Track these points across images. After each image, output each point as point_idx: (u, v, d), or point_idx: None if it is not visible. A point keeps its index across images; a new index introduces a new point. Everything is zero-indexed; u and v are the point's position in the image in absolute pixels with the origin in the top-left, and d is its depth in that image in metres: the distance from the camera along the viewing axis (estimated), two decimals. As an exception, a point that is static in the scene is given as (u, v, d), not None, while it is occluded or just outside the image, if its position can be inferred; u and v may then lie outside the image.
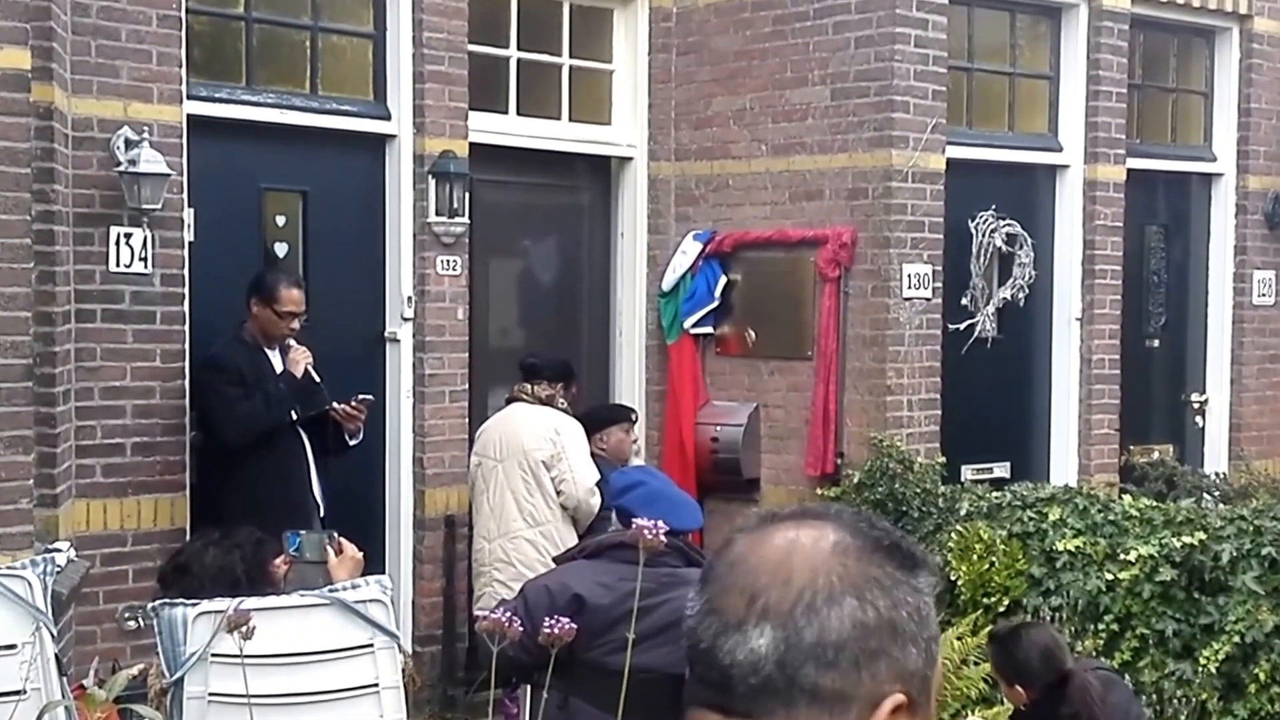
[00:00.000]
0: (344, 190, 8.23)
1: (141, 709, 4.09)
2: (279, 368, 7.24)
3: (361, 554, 5.39)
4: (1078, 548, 7.46)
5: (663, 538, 3.94)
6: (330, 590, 4.88)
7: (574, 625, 4.01)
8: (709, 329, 9.27)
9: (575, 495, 7.53)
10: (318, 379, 7.27)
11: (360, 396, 7.30)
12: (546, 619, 4.07)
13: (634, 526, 4.95)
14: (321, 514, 7.25)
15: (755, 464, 9.16)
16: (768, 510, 1.55)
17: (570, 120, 9.20)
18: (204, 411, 7.29)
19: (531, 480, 7.60)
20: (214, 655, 4.60)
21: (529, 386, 7.78)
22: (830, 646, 1.42)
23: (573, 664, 4.52)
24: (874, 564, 1.46)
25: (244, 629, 3.86)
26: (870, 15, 8.60)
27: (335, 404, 7.27)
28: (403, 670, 4.93)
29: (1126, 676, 7.14)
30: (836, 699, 1.42)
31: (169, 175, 7.02)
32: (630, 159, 9.40)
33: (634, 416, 8.44)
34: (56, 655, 4.69)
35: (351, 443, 7.41)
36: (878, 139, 8.59)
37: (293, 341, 7.28)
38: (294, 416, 7.21)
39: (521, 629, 4.00)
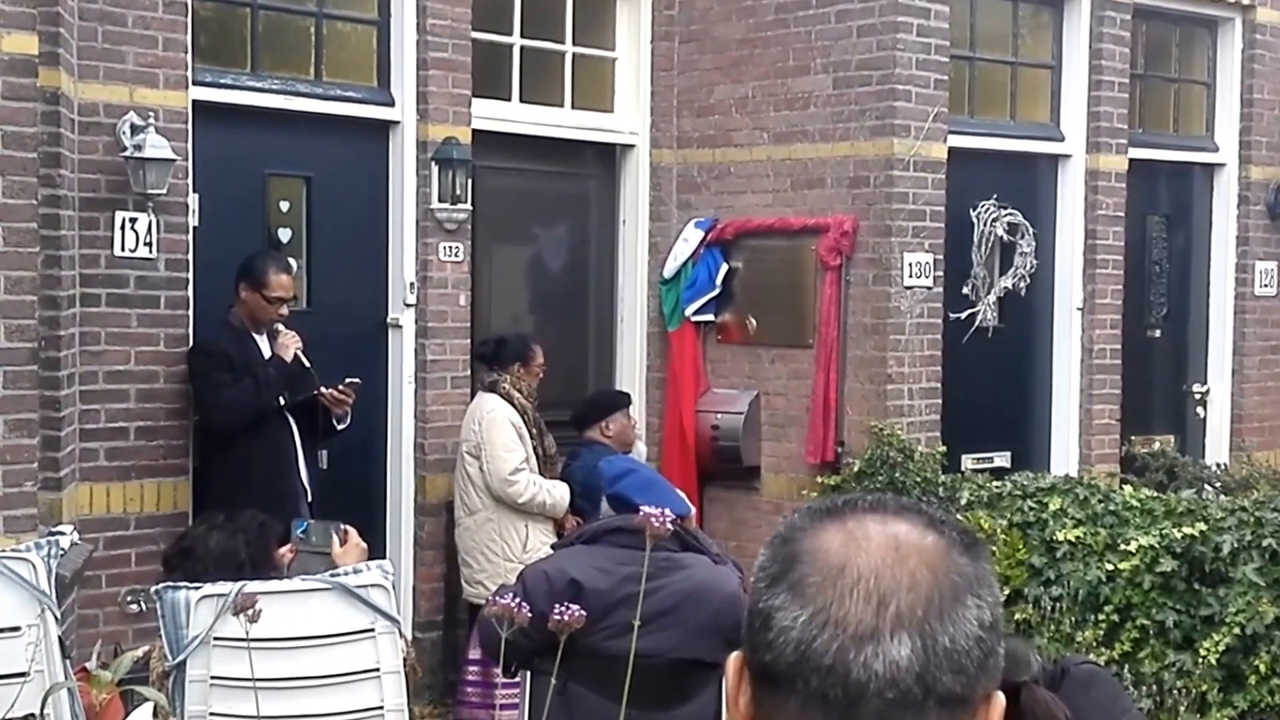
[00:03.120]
0: (348, 176, 8.25)
1: (145, 690, 4.11)
2: (267, 352, 7.24)
3: (366, 545, 5.42)
4: (1078, 538, 7.48)
5: (669, 524, 3.98)
6: (332, 575, 4.91)
7: (582, 613, 4.03)
8: (710, 316, 9.29)
9: (491, 484, 7.66)
10: (307, 363, 7.26)
11: (348, 380, 7.29)
12: (555, 605, 4.10)
13: (640, 512, 4.99)
14: (309, 499, 7.26)
15: (755, 452, 9.18)
16: (821, 504, 1.45)
17: (573, 107, 9.21)
18: (195, 396, 7.30)
19: (463, 470, 7.81)
20: (216, 638, 4.63)
21: (482, 375, 7.96)
22: (962, 651, 1.33)
23: (571, 649, 4.54)
24: (973, 560, 1.39)
25: (250, 612, 3.88)
26: (872, 4, 8.61)
27: (323, 388, 7.27)
28: (404, 659, 4.96)
29: (1126, 667, 7.17)
30: (959, 704, 1.34)
31: (174, 160, 7.04)
32: (632, 146, 9.42)
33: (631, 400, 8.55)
34: (60, 638, 4.72)
35: (339, 427, 7.41)
36: (879, 127, 8.60)
37: (281, 326, 7.28)
38: (282, 401, 7.22)
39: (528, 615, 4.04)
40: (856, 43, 8.68)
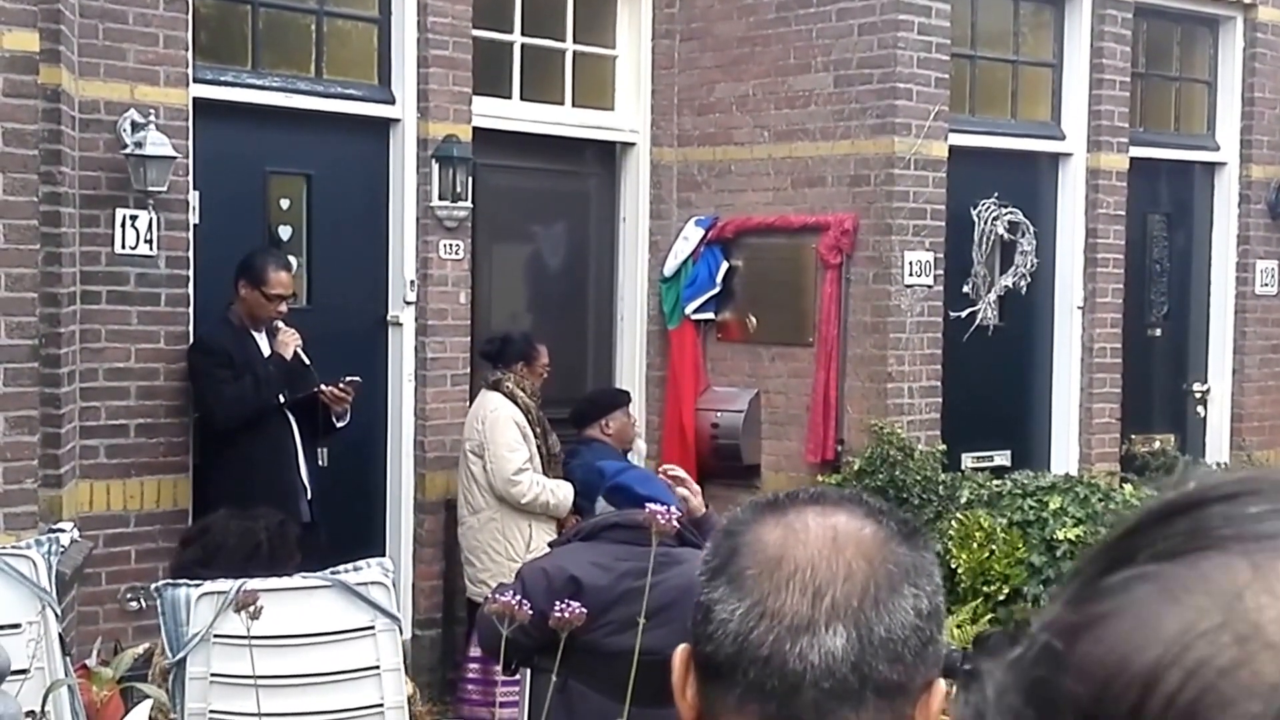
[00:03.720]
0: (348, 174, 8.25)
1: (145, 687, 4.11)
2: (265, 349, 7.24)
3: None
4: (1078, 536, 7.48)
5: (675, 522, 3.99)
6: (332, 572, 4.91)
7: (584, 610, 4.04)
8: (710, 315, 9.28)
9: (495, 484, 7.66)
10: (307, 360, 7.26)
11: (349, 378, 7.30)
12: (554, 602, 4.11)
13: (642, 505, 4.97)
14: (309, 496, 7.28)
15: (755, 450, 9.17)
16: (765, 498, 1.47)
17: (573, 105, 9.21)
18: (195, 394, 7.30)
19: (466, 469, 7.80)
20: (216, 636, 4.63)
21: (485, 373, 7.95)
22: (898, 640, 1.35)
23: (571, 647, 4.55)
24: (913, 549, 1.40)
25: (251, 609, 3.88)
26: (873, 2, 8.60)
27: (324, 385, 7.27)
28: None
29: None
30: (898, 692, 1.35)
31: (174, 158, 7.04)
32: (633, 144, 9.42)
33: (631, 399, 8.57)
34: (60, 635, 4.72)
35: (339, 425, 7.41)
36: (880, 126, 8.60)
37: (280, 323, 7.28)
38: (282, 399, 7.23)
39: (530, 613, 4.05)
40: (857, 41, 8.67)
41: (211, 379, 7.11)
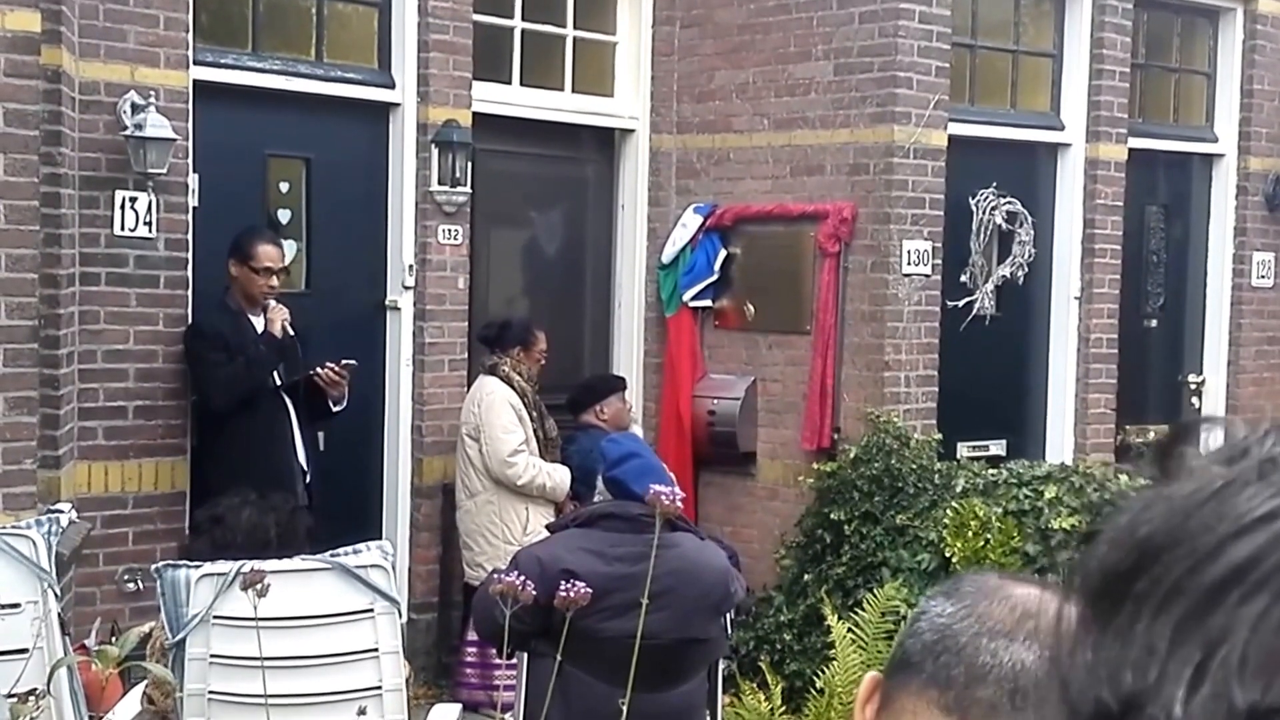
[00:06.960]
0: (347, 158, 8.25)
1: (151, 666, 4.13)
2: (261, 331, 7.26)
3: None
4: (1073, 526, 7.49)
5: (678, 503, 4.01)
6: (331, 555, 4.92)
7: (588, 590, 4.06)
8: (708, 302, 9.28)
9: (491, 466, 7.68)
10: (292, 333, 7.25)
11: (344, 361, 7.31)
12: (547, 590, 4.13)
13: (634, 499, 4.98)
14: (307, 480, 7.29)
15: (752, 438, 9.18)
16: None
17: (573, 91, 9.20)
18: (192, 378, 7.32)
19: (464, 452, 7.84)
20: (216, 617, 4.64)
21: (483, 357, 7.99)
22: None
23: (567, 632, 4.57)
24: None
25: (259, 587, 3.89)
26: (875, -9, 8.61)
27: (318, 368, 7.27)
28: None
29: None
30: None
31: (174, 140, 7.04)
32: (632, 131, 9.42)
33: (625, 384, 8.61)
34: (60, 615, 4.73)
35: (336, 409, 7.41)
36: (880, 114, 8.60)
37: (271, 300, 7.29)
38: (278, 380, 7.24)
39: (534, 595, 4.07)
40: (858, 29, 8.67)
41: (206, 363, 7.14)
